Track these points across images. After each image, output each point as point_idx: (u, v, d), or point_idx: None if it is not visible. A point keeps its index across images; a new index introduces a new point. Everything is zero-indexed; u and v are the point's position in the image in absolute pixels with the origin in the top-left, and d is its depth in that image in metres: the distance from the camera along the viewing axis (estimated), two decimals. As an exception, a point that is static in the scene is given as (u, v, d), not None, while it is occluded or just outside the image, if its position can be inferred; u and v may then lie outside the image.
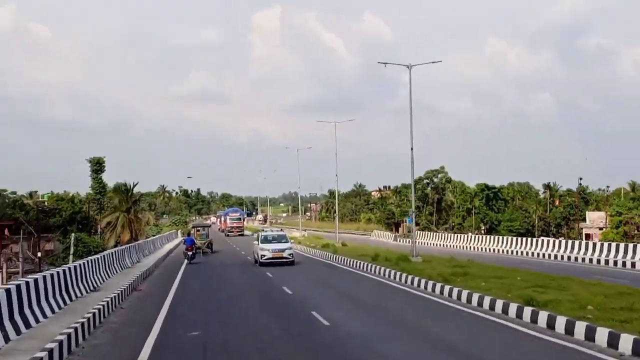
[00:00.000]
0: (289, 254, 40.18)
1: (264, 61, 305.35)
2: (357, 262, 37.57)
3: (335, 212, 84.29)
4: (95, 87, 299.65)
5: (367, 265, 35.22)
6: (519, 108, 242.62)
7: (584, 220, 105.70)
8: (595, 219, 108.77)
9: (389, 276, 30.55)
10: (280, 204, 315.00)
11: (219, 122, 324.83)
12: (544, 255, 47.51)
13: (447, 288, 23.21)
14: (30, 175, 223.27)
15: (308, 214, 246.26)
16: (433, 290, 24.38)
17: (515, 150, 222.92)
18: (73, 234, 74.99)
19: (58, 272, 19.25)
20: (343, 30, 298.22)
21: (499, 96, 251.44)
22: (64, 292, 19.31)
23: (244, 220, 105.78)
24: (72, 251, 73.34)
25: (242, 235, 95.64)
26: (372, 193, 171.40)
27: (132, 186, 74.31)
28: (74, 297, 20.33)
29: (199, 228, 63.60)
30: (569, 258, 43.87)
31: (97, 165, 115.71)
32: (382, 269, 32.23)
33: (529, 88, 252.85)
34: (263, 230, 49.21)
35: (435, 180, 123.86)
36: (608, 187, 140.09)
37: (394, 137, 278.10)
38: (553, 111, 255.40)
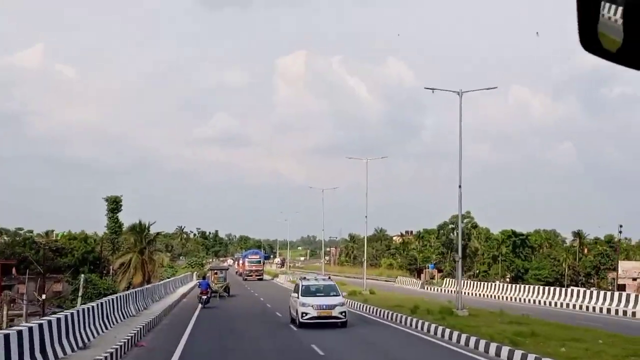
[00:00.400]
0: (341, 312, 29.18)
1: (287, 104, 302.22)
2: (393, 314, 32.81)
3: (362, 256, 79.34)
4: (119, 128, 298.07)
5: (406, 318, 30.46)
6: (541, 155, 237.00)
7: (614, 270, 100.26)
8: (629, 269, 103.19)
9: (436, 333, 25.81)
10: (299, 247, 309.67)
11: (240, 164, 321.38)
12: (574, 306, 45.06)
13: (518, 354, 18.53)
14: (49, 215, 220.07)
15: (327, 257, 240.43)
16: (498, 354, 19.70)
17: (538, 199, 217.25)
18: (82, 275, 70.91)
19: (33, 327, 14.84)
20: (366, 74, 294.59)
21: (521, 143, 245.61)
22: (37, 354, 14.84)
23: (263, 263, 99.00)
24: (80, 293, 69.16)
25: (261, 279, 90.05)
26: (394, 238, 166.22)
27: (147, 226, 70.08)
28: (51, 359, 15.85)
29: (216, 271, 61.03)
30: (607, 310, 41.13)
31: (114, 204, 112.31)
32: (426, 323, 27.50)
33: (551, 136, 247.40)
34: (304, 278, 35.84)
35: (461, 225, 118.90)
36: (629, 238, 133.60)
37: (414, 182, 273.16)
38: (575, 159, 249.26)
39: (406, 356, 21.62)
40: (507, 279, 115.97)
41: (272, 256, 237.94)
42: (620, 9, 2.39)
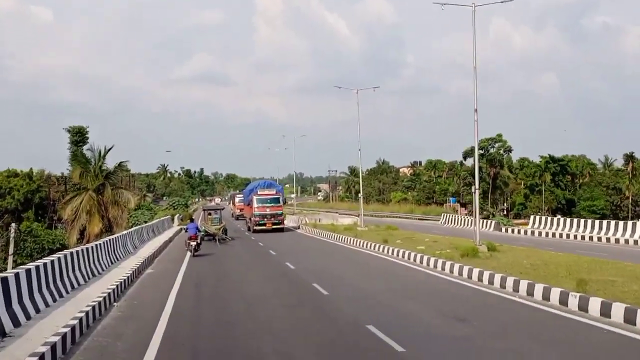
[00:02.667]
0: None
1: (267, 43, 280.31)
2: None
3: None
4: (98, 71, 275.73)
5: None
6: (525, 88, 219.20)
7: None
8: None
9: None
10: (286, 185, 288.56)
11: (222, 103, 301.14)
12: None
13: None
14: (16, 155, 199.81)
15: (320, 194, 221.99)
16: None
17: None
18: (13, 225, 49.54)
19: None
20: (346, 11, 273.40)
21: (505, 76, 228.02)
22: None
23: (283, 202, 59.90)
24: (11, 251, 47.85)
25: (282, 230, 54.01)
26: (401, 170, 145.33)
27: (103, 153, 48.38)
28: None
29: (210, 211, 50.93)
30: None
31: (78, 136, 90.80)
32: None
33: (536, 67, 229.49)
34: None
35: (492, 150, 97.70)
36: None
37: (400, 118, 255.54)
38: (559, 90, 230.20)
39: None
40: (546, 213, 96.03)
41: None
42: None
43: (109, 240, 28.63)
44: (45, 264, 15.34)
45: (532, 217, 49.16)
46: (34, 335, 11.61)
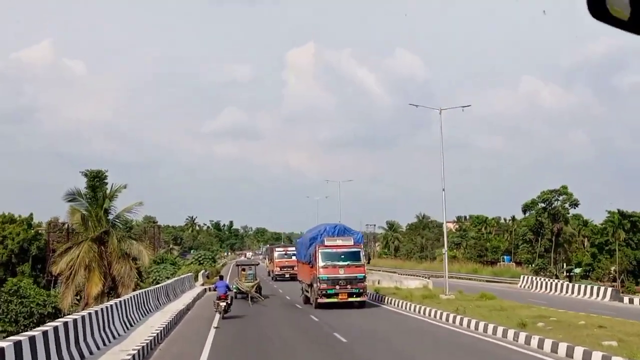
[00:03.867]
0: None
1: (298, 98, 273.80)
2: None
3: (404, 247, 46.19)
4: (128, 123, 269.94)
5: None
6: (553, 145, 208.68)
7: None
8: None
9: None
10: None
11: (251, 158, 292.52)
12: None
13: None
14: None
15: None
16: None
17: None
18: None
19: None
20: (376, 67, 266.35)
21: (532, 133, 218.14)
22: None
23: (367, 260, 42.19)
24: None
25: (363, 304, 34.18)
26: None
27: (110, 192, 37.99)
28: None
29: (244, 267, 43.88)
30: None
31: (96, 180, 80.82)
32: None
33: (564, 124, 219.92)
34: None
35: (556, 204, 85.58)
36: None
37: (432, 173, 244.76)
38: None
39: None
40: (612, 275, 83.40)
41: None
42: None
43: (105, 308, 18.33)
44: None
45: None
46: None
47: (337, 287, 32.12)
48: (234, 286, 37.22)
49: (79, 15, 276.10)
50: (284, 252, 64.31)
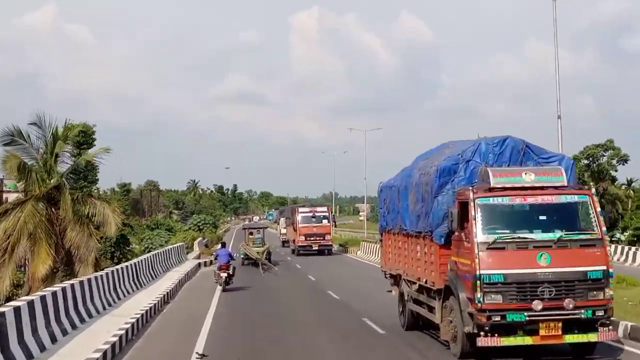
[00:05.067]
0: None
1: (303, 63, 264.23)
2: None
3: None
4: (134, 90, 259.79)
5: None
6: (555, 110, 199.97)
7: None
8: None
9: None
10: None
11: (256, 123, 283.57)
12: None
13: None
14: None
15: (362, 214, 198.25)
16: None
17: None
18: None
19: None
20: (381, 31, 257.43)
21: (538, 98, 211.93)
22: None
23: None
24: None
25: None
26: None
27: (60, 130, 26.99)
28: None
29: (251, 230, 39.31)
30: None
31: (81, 136, 70.21)
32: None
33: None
34: None
35: (603, 160, 74.26)
36: None
37: (436, 136, 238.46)
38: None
39: None
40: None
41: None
42: None
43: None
44: None
45: None
46: None
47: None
48: (240, 251, 35.13)
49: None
50: (311, 215, 45.29)
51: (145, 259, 26.62)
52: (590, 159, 74.05)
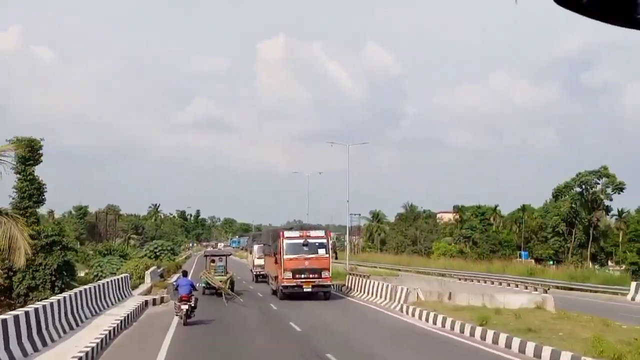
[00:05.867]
0: None
1: (270, 91, 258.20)
2: None
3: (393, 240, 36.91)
4: (98, 115, 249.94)
5: None
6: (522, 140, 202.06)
7: None
8: None
9: None
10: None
11: (221, 150, 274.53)
12: None
13: None
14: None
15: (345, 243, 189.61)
16: None
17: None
18: None
19: None
20: (347, 61, 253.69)
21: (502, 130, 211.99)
22: None
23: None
24: None
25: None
26: (439, 216, 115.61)
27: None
28: None
29: (213, 257, 36.13)
30: None
31: (27, 151, 61.99)
32: None
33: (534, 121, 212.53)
34: None
35: (597, 188, 68.05)
36: None
37: (401, 168, 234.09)
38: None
39: None
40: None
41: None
42: None
43: None
44: None
45: None
46: None
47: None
48: (202, 280, 32.67)
49: (46, 4, 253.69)
50: (302, 242, 32.03)
51: (64, 298, 18.65)
52: (584, 186, 67.95)
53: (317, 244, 31.50)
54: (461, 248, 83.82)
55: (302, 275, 30.83)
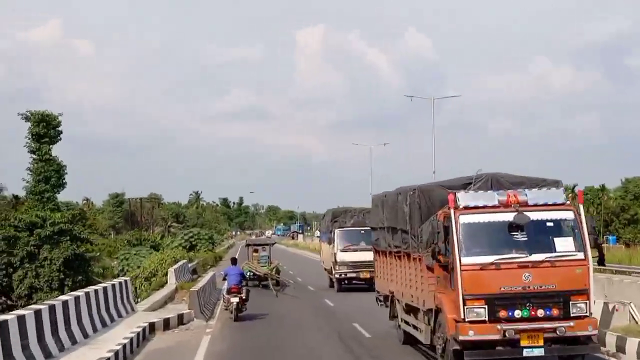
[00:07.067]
0: None
1: (307, 79, 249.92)
2: None
3: None
4: (137, 105, 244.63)
5: None
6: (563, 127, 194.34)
7: None
8: None
9: None
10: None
11: (260, 139, 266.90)
12: None
13: None
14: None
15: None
16: None
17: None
18: None
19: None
20: (386, 48, 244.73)
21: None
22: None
23: None
24: None
25: None
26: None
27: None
28: None
29: (256, 247, 32.42)
30: None
31: (42, 127, 53.98)
32: None
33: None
34: None
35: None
36: None
37: (438, 155, 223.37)
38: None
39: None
40: None
41: (308, 227, 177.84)
42: None
43: None
44: None
45: None
46: None
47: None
48: (245, 270, 26.17)
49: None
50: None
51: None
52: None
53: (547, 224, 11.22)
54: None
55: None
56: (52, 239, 37.88)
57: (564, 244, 10.61)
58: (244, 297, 19.10)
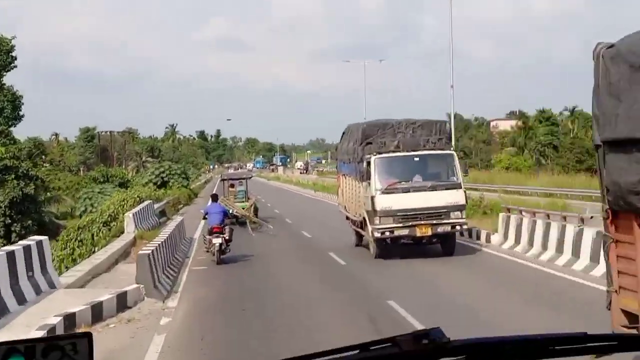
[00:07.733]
0: None
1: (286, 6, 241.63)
2: None
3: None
4: (113, 37, 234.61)
5: None
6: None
7: None
8: None
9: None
10: (308, 152, 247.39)
11: (238, 69, 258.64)
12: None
13: None
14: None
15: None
16: None
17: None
18: None
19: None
20: None
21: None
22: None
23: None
24: None
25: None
26: (493, 124, 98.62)
27: None
28: None
29: (232, 182, 31.44)
30: None
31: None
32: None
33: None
34: None
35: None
36: None
37: (424, 81, 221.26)
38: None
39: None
40: None
41: (288, 160, 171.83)
42: None
43: None
44: None
45: None
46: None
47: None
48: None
49: None
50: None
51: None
52: None
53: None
54: (526, 159, 67.60)
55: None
56: (-7, 178, 31.39)
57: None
58: (227, 238, 17.50)
